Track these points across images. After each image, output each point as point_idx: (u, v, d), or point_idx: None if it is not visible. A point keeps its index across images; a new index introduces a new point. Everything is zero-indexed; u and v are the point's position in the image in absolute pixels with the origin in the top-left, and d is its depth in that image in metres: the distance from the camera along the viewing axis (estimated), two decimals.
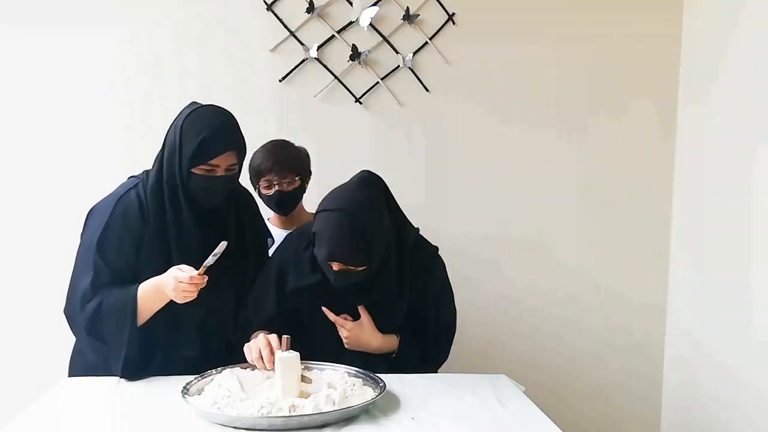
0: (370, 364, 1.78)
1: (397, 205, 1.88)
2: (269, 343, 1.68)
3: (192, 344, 1.84)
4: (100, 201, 1.87)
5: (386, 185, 1.85)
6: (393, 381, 1.71)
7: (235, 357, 1.77)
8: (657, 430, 2.93)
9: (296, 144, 2.34)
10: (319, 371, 1.74)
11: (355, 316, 1.85)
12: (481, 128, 2.75)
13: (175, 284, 1.67)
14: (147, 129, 2.56)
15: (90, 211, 1.88)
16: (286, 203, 2.25)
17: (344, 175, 2.29)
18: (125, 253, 1.78)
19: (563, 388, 2.84)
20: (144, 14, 2.57)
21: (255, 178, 2.25)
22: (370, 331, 1.83)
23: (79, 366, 1.91)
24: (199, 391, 1.62)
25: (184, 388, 1.59)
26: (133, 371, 1.76)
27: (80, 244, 1.86)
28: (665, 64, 2.81)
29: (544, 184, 2.80)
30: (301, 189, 2.28)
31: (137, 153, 2.50)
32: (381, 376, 1.69)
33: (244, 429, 1.44)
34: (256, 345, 1.69)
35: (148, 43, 2.58)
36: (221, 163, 1.77)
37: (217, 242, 1.73)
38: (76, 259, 1.85)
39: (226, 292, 1.88)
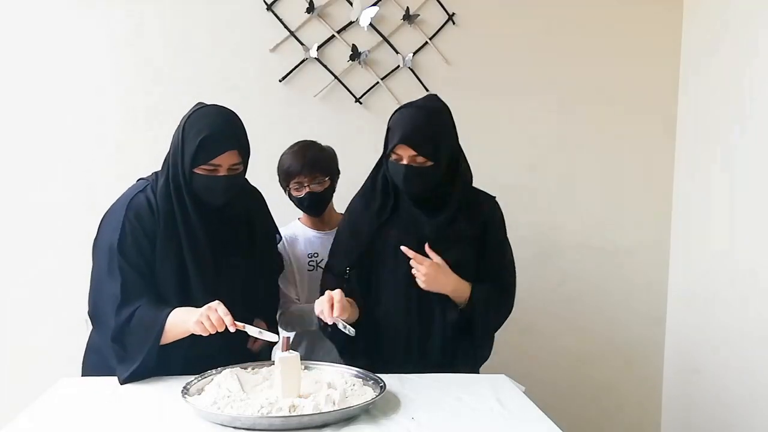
0: (444, 309, 1.85)
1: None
2: (332, 296, 1.72)
3: (213, 335, 1.80)
4: (112, 206, 1.88)
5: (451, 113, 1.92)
6: (393, 381, 1.71)
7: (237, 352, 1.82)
8: (657, 429, 2.93)
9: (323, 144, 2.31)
10: (319, 371, 1.75)
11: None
12: (481, 128, 2.75)
13: (205, 310, 1.66)
14: (147, 129, 2.56)
15: (103, 216, 1.88)
16: (318, 204, 2.24)
17: (345, 174, 2.30)
18: (144, 253, 1.78)
19: (563, 388, 2.85)
20: (144, 14, 2.57)
21: (284, 180, 2.24)
22: (446, 271, 1.84)
23: (91, 366, 1.92)
24: (199, 391, 1.62)
25: (184, 388, 1.59)
26: (135, 380, 1.75)
27: (96, 247, 1.86)
28: (665, 61, 2.82)
29: (544, 183, 2.80)
30: (331, 189, 2.27)
31: (138, 154, 2.51)
32: (381, 376, 1.69)
33: (244, 429, 1.44)
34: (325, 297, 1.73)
35: (149, 43, 2.58)
36: (223, 162, 1.77)
37: (228, 241, 1.81)
38: (94, 263, 1.85)
39: (232, 288, 1.87)
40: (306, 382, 1.65)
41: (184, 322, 1.70)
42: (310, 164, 2.20)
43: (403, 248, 1.83)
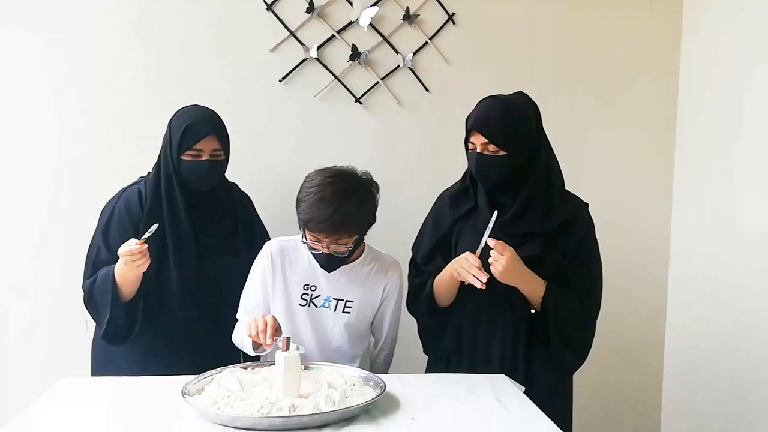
0: (521, 306, 1.85)
1: (545, 135, 1.93)
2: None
3: (187, 305, 2.00)
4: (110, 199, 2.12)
5: (539, 111, 1.93)
6: (393, 381, 1.72)
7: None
8: (657, 429, 2.93)
9: (358, 172, 1.91)
10: (319, 371, 1.75)
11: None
12: None
13: (121, 257, 1.84)
14: (147, 129, 2.55)
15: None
16: (335, 264, 1.89)
17: None
18: (126, 238, 1.91)
19: None
20: (144, 14, 2.57)
21: (300, 223, 1.85)
22: (523, 266, 1.80)
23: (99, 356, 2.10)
24: (199, 391, 1.62)
25: (184, 388, 1.59)
26: (116, 338, 1.96)
27: (93, 233, 2.09)
28: (665, 64, 2.82)
29: None
30: (356, 245, 1.88)
31: (137, 154, 2.50)
32: (381, 376, 1.69)
33: (244, 429, 1.44)
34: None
35: (148, 43, 2.58)
36: (205, 147, 2.00)
37: (210, 227, 2.04)
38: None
39: (223, 260, 2.07)
40: (306, 382, 1.65)
41: (124, 266, 1.87)
42: (335, 224, 1.77)
43: (491, 241, 1.78)
